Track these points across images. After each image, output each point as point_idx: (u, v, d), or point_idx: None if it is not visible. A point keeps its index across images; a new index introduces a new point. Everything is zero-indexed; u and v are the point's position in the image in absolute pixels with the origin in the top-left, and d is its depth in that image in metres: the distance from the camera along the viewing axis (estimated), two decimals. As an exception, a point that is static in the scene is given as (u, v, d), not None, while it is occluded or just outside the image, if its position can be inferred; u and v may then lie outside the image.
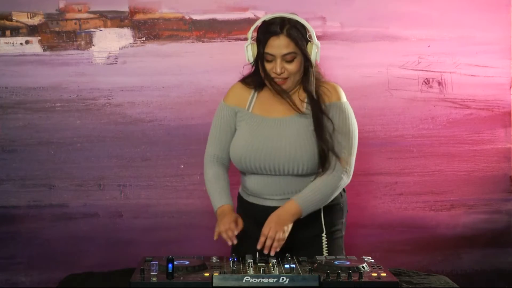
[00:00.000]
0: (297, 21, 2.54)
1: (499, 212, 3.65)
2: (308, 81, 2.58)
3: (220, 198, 2.61)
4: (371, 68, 3.55)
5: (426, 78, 3.58)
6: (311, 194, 2.53)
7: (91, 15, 3.50)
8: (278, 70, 2.52)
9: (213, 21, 3.50)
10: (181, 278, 2.14)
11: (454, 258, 3.65)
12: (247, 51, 2.58)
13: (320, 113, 2.55)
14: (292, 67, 2.54)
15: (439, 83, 3.58)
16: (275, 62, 2.52)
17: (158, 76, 3.51)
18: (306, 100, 2.60)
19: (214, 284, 2.10)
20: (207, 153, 2.70)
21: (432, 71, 3.57)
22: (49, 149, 3.52)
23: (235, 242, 2.48)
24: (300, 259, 2.39)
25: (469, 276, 3.65)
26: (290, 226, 2.49)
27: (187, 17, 3.51)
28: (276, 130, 2.59)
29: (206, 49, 3.52)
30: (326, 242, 2.61)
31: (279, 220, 2.47)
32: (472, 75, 3.59)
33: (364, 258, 2.39)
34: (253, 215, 2.64)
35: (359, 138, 2.66)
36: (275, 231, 2.44)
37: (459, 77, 3.58)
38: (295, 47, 2.52)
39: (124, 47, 3.51)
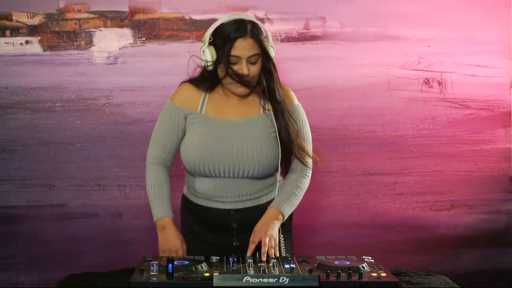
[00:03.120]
0: (255, 23, 2.52)
1: (499, 212, 3.65)
2: (273, 81, 2.55)
3: (161, 208, 2.57)
4: (371, 68, 3.55)
5: (426, 78, 3.57)
6: (287, 198, 2.55)
7: (91, 15, 3.50)
8: (245, 72, 2.49)
9: (213, 21, 3.46)
10: (181, 278, 2.14)
11: (454, 258, 3.65)
12: (204, 54, 2.53)
13: (285, 115, 2.55)
14: (255, 68, 2.51)
15: (439, 83, 3.58)
16: (241, 64, 2.49)
17: (158, 76, 3.51)
18: (261, 102, 2.59)
19: (214, 284, 2.10)
20: (150, 154, 2.63)
21: (432, 71, 3.57)
22: (49, 149, 3.52)
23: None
24: (300, 259, 2.38)
25: (469, 276, 3.65)
26: (277, 231, 2.48)
27: (187, 17, 3.51)
28: (235, 132, 2.55)
29: (206, 49, 3.51)
30: (283, 243, 2.60)
31: (268, 227, 2.46)
32: (472, 75, 3.59)
33: (364, 258, 2.39)
34: (203, 217, 2.61)
35: (359, 138, 2.67)
36: (267, 238, 2.42)
37: (459, 77, 3.58)
38: (259, 48, 2.50)
39: (124, 47, 3.51)
